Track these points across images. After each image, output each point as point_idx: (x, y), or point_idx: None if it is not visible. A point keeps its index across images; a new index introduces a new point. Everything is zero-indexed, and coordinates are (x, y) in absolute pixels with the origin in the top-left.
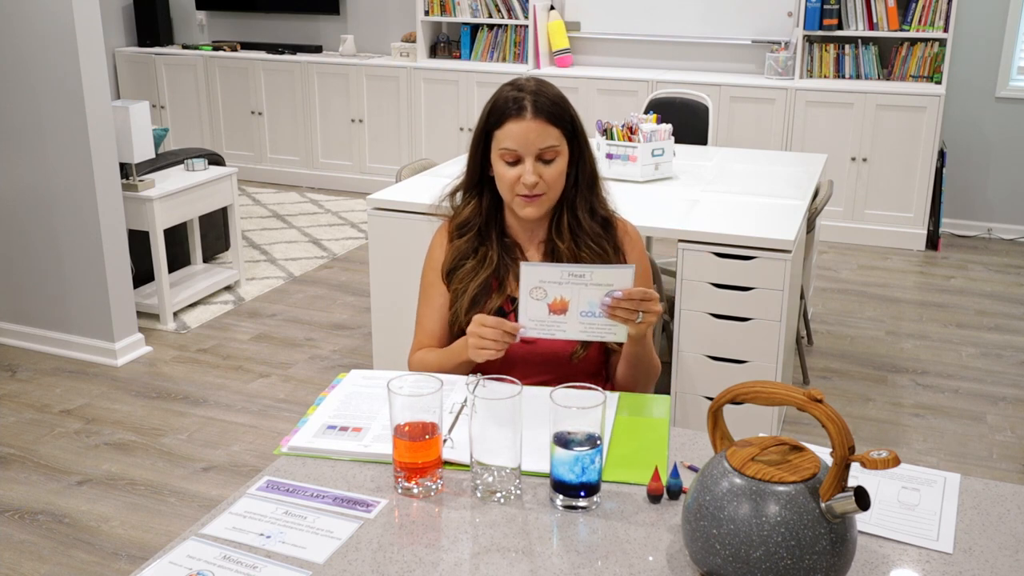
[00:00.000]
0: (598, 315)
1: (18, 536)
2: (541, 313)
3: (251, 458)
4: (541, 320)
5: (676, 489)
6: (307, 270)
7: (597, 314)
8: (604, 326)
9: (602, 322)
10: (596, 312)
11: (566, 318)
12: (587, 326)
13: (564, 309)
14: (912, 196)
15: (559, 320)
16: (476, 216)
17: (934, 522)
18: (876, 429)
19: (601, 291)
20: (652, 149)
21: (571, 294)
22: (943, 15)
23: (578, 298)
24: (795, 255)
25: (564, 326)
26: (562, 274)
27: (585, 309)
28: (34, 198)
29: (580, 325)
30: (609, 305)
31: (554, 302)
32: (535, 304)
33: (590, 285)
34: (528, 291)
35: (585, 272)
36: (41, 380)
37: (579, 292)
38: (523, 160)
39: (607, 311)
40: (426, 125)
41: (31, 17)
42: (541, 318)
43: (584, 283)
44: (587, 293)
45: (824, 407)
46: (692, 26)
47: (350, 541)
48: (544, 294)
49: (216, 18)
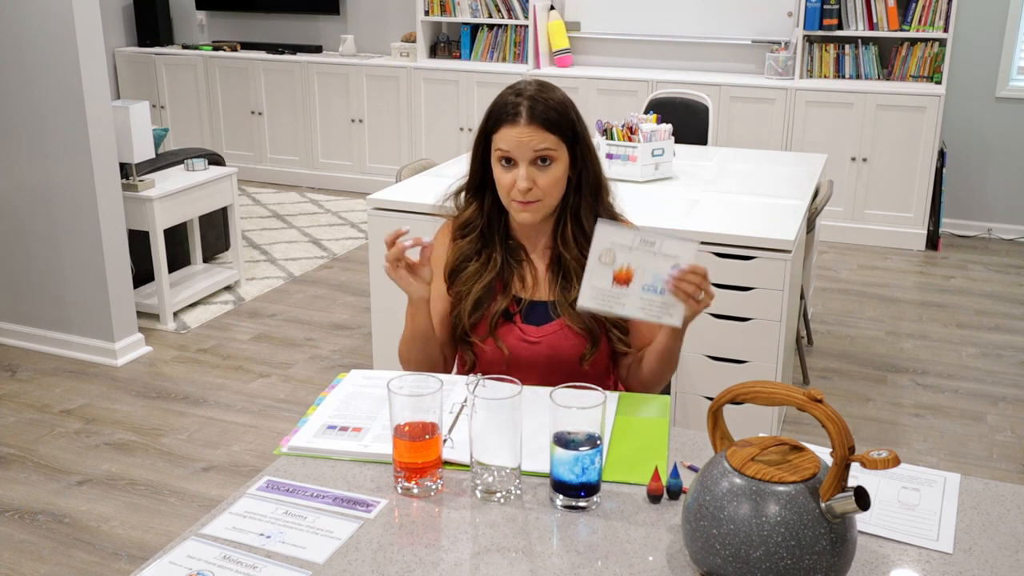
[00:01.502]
0: (659, 292)
1: (18, 536)
2: (605, 282)
3: (251, 458)
4: (603, 290)
5: (676, 489)
6: (307, 270)
7: (659, 290)
8: (663, 306)
9: (661, 301)
10: (658, 288)
11: (628, 291)
12: (646, 303)
13: (628, 280)
14: (912, 196)
15: (620, 292)
16: (478, 218)
17: (934, 522)
18: (876, 429)
19: (667, 263)
20: (652, 149)
21: (638, 263)
22: (943, 15)
23: (643, 269)
24: (795, 255)
25: (624, 300)
26: (634, 239)
27: (648, 283)
28: (34, 198)
29: (640, 301)
30: (675, 277)
31: (620, 270)
32: (601, 270)
33: (658, 255)
34: (598, 254)
35: (656, 240)
36: (41, 380)
37: (646, 262)
38: (518, 165)
39: (672, 283)
40: (426, 125)
41: (31, 17)
42: (604, 287)
43: (653, 252)
44: (653, 264)
45: (824, 407)
46: (692, 26)
47: (350, 541)
48: (613, 259)
49: (216, 18)
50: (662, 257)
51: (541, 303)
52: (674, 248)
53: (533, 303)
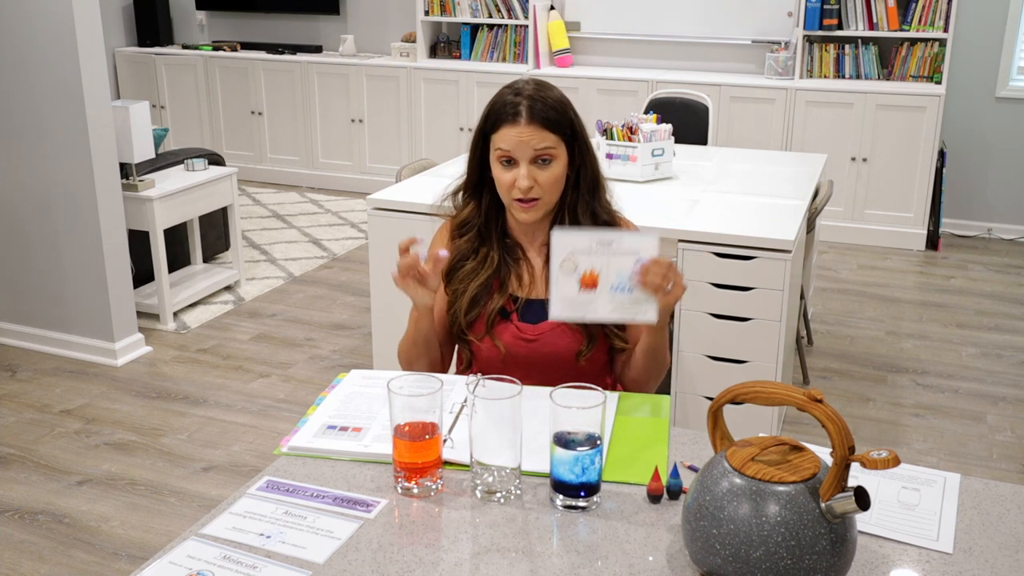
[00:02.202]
0: (628, 290)
1: (18, 536)
2: (572, 290)
3: (251, 458)
4: (571, 299)
5: (676, 489)
6: (307, 270)
7: (627, 288)
8: (634, 303)
9: (632, 299)
10: (627, 287)
11: (596, 295)
12: (617, 304)
13: (594, 283)
14: (912, 196)
15: (589, 298)
16: (475, 217)
17: (934, 522)
18: (876, 429)
19: (630, 260)
20: (652, 149)
21: (601, 265)
22: (943, 15)
23: (608, 269)
24: (795, 255)
25: (595, 305)
26: (591, 242)
27: (615, 283)
28: (34, 198)
29: (610, 303)
30: (639, 271)
31: (584, 276)
32: (566, 280)
33: (618, 254)
34: (559, 263)
35: (613, 239)
36: (41, 380)
37: (608, 262)
38: (518, 164)
39: (638, 278)
40: (426, 125)
41: (31, 17)
42: (572, 297)
43: (612, 251)
44: (616, 263)
45: (824, 407)
46: (692, 26)
47: (350, 541)
48: (574, 266)
49: (216, 18)
50: (622, 255)
51: (538, 301)
52: (633, 244)
53: (530, 301)
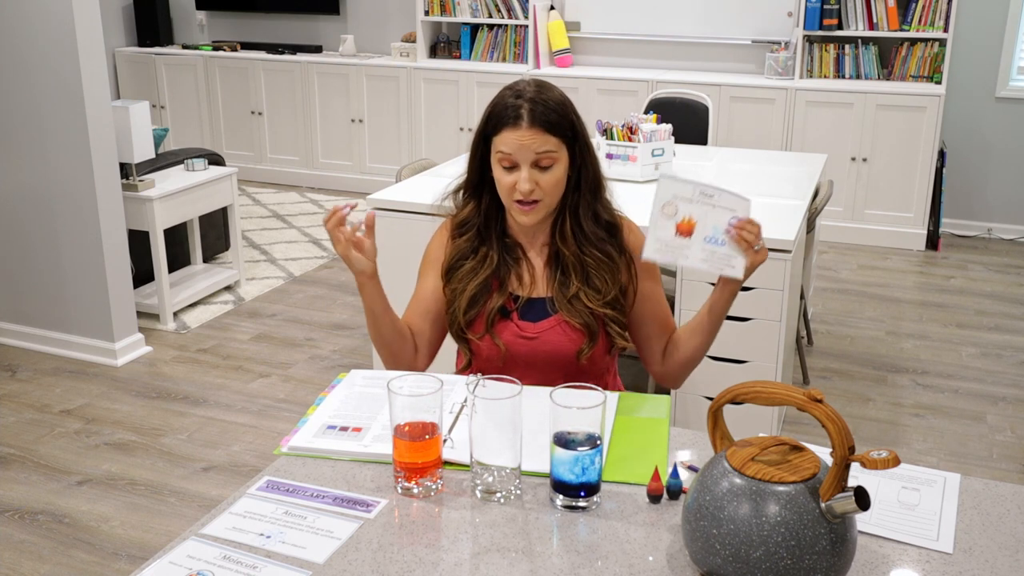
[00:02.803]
0: (720, 243)
1: (18, 536)
2: (668, 233)
3: (251, 458)
4: (667, 242)
5: (676, 489)
6: (307, 270)
7: (720, 242)
8: (724, 257)
9: (723, 251)
10: (720, 240)
11: (690, 242)
12: (709, 254)
13: (690, 231)
14: (912, 196)
15: (683, 243)
16: (475, 216)
17: (934, 522)
18: (876, 429)
19: (726, 215)
20: (652, 149)
21: (699, 214)
22: (943, 15)
23: (704, 220)
24: (795, 255)
25: (687, 251)
26: (694, 191)
27: (710, 234)
28: (34, 198)
29: (702, 252)
30: (735, 226)
31: (682, 222)
32: (664, 222)
33: (717, 207)
34: (661, 206)
35: (714, 193)
36: (41, 380)
37: (706, 214)
38: (519, 167)
39: (735, 232)
40: (426, 125)
41: (31, 17)
42: (667, 239)
43: (712, 204)
44: (713, 216)
45: (824, 407)
46: (692, 26)
47: (350, 541)
48: (675, 210)
49: (216, 18)
50: (721, 210)
51: (539, 300)
52: (731, 202)
53: (531, 300)
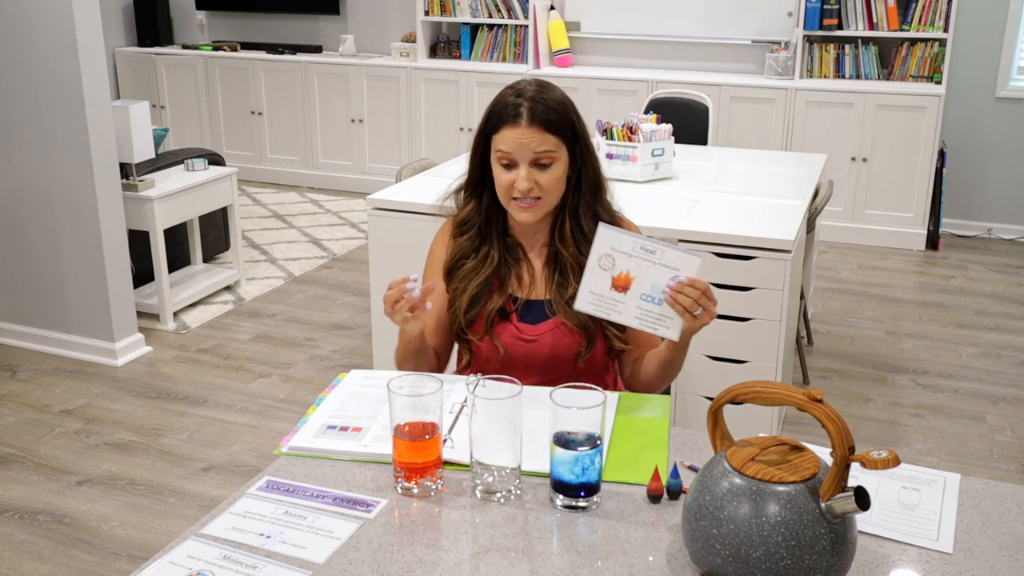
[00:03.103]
0: (657, 302)
1: (18, 536)
2: (603, 287)
3: (251, 458)
4: (600, 295)
5: (676, 489)
6: (307, 270)
7: (657, 301)
8: (660, 317)
9: (659, 311)
10: (656, 299)
11: (625, 298)
12: (643, 312)
13: (626, 287)
14: (912, 196)
15: (617, 299)
16: (476, 216)
17: (934, 522)
18: (876, 429)
19: (667, 274)
20: (652, 149)
21: (637, 271)
22: (943, 15)
23: (643, 277)
24: (795, 255)
25: (620, 307)
26: (634, 246)
27: (647, 292)
28: (34, 198)
29: (637, 310)
30: (673, 288)
31: (619, 276)
32: (600, 274)
33: (657, 265)
34: (598, 258)
35: (656, 249)
36: (41, 380)
37: (645, 270)
38: (518, 165)
39: (670, 295)
40: (426, 125)
41: (31, 17)
42: (601, 292)
43: (652, 261)
44: (652, 273)
45: (824, 407)
46: (692, 26)
47: (350, 541)
48: (612, 263)
49: (216, 18)
50: (661, 267)
51: (537, 302)
52: (675, 260)
53: (529, 302)
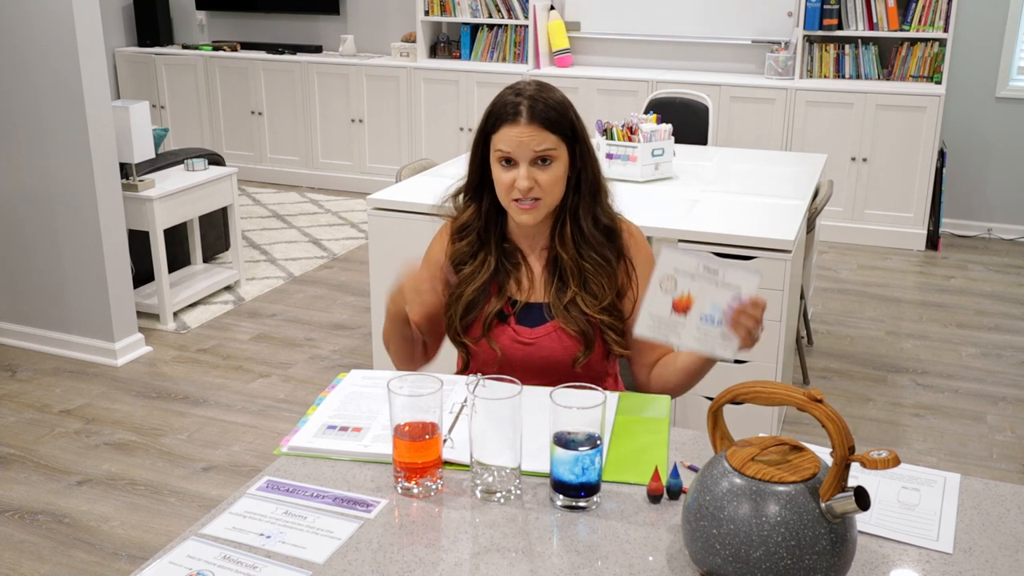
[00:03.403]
0: (717, 323)
1: (18, 536)
2: (664, 310)
3: (251, 458)
4: (661, 318)
5: (676, 489)
6: (307, 270)
7: (716, 321)
8: (718, 338)
9: (718, 332)
10: (716, 319)
11: (685, 320)
12: (703, 334)
13: (687, 308)
14: (912, 196)
15: (678, 322)
16: (476, 220)
17: (934, 522)
18: (876, 429)
19: (727, 294)
20: (652, 149)
21: (698, 291)
22: (943, 15)
23: (704, 297)
24: (795, 255)
25: (680, 329)
26: (697, 266)
27: (707, 312)
28: (34, 198)
29: (696, 331)
30: (736, 310)
31: (680, 298)
32: (661, 297)
33: (720, 285)
34: (660, 280)
35: (719, 268)
36: (41, 380)
37: (707, 291)
38: (518, 165)
39: (731, 316)
40: (426, 125)
41: (31, 17)
42: (662, 316)
43: (715, 281)
44: (713, 294)
45: (824, 407)
46: (692, 26)
47: (350, 541)
48: (674, 285)
49: (216, 18)
50: (724, 287)
51: (536, 305)
52: (737, 278)
53: (528, 305)
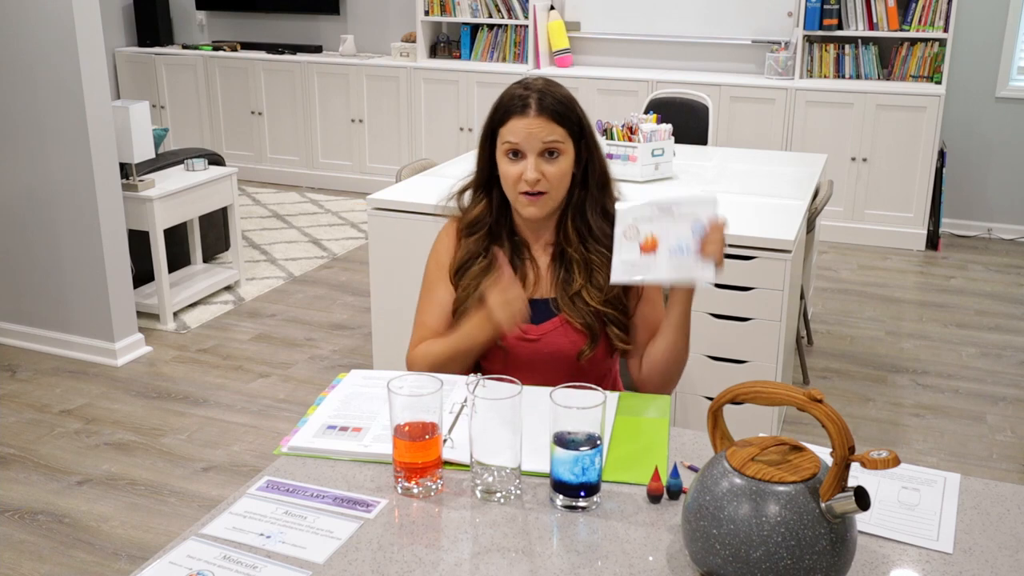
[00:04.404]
0: (686, 251)
1: (18, 536)
2: (633, 255)
3: (251, 458)
4: (632, 262)
5: (676, 489)
6: (307, 270)
7: (686, 250)
8: (693, 263)
9: (691, 259)
10: (684, 248)
11: (656, 257)
12: (676, 263)
13: (654, 247)
14: (912, 196)
15: (649, 260)
16: (487, 215)
17: (934, 522)
18: (876, 429)
19: (688, 223)
20: (652, 149)
21: (660, 230)
22: (943, 15)
23: (667, 234)
24: (795, 255)
25: (654, 266)
26: (652, 210)
27: (674, 244)
28: (34, 198)
29: (669, 264)
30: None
31: (645, 241)
32: (627, 245)
33: (678, 218)
34: (622, 232)
35: (672, 204)
36: (41, 380)
37: (668, 227)
38: (526, 157)
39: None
40: (426, 125)
41: (31, 17)
42: (632, 259)
43: (672, 217)
44: (676, 228)
45: (824, 407)
46: (692, 26)
47: (350, 541)
48: (636, 232)
49: (216, 18)
50: (682, 218)
51: (542, 300)
52: (692, 206)
53: (534, 301)
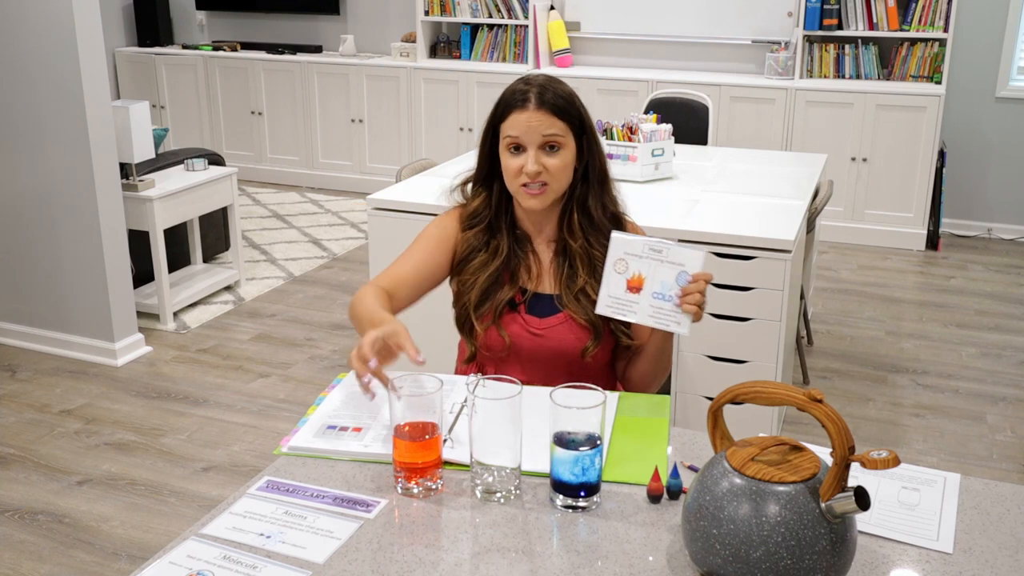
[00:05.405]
0: (667, 299)
1: (18, 536)
2: (619, 290)
3: (251, 458)
4: (617, 298)
5: (676, 489)
6: (307, 270)
7: (667, 298)
8: (671, 313)
9: (670, 308)
10: (667, 296)
11: (639, 298)
12: (656, 310)
13: (639, 287)
14: (912, 196)
15: (633, 300)
16: (486, 208)
17: (934, 522)
18: (876, 429)
19: (674, 271)
20: (652, 149)
21: (648, 270)
22: (943, 15)
23: (653, 276)
24: (795, 255)
25: (636, 307)
26: (644, 247)
27: (658, 290)
28: (34, 198)
29: (650, 308)
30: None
31: (632, 278)
32: (616, 279)
33: (665, 263)
34: (613, 263)
35: (662, 248)
36: (41, 380)
37: (655, 269)
38: (527, 150)
39: (680, 296)
40: (426, 125)
41: (31, 17)
42: (618, 295)
43: (660, 259)
44: (662, 272)
45: (824, 407)
46: (692, 26)
47: (350, 541)
48: (625, 267)
49: (216, 18)
50: (669, 265)
51: (546, 295)
52: (680, 256)
53: (538, 295)
